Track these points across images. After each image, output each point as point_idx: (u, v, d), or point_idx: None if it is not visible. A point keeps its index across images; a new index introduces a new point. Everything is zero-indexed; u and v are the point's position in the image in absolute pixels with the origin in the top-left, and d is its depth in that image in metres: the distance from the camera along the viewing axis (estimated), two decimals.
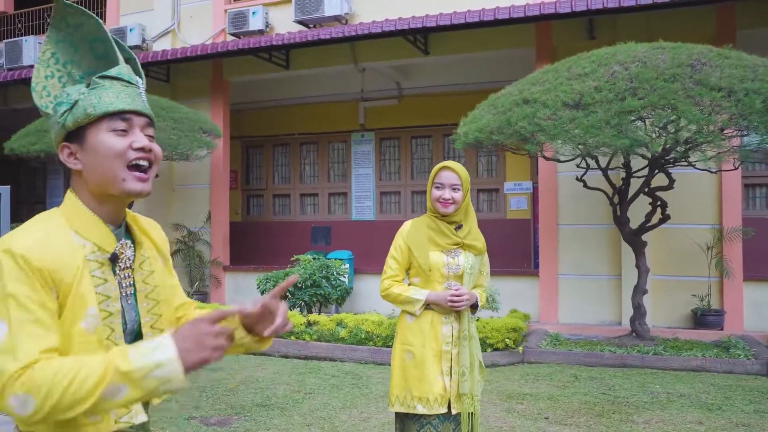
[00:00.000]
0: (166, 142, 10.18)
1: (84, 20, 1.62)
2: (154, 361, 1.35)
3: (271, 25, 11.73)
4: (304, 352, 8.14)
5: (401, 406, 3.25)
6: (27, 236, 1.47)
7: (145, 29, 12.79)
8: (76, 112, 1.55)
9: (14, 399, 1.34)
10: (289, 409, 5.66)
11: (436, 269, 3.27)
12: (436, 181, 3.30)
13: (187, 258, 12.41)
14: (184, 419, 5.36)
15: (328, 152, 14.31)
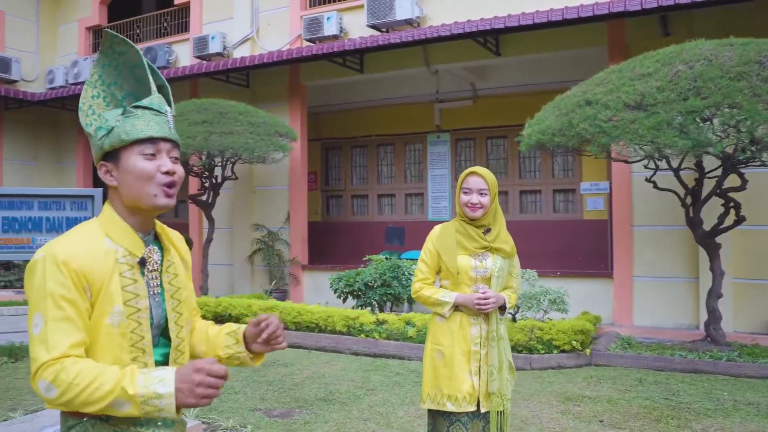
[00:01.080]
0: (244, 146, 10.59)
1: (127, 49, 1.85)
2: (155, 392, 1.60)
3: (345, 30, 11.99)
4: (374, 350, 8.34)
5: (432, 403, 3.39)
6: (68, 243, 1.73)
7: (225, 37, 13.30)
8: (112, 137, 1.79)
9: (42, 383, 1.62)
10: (349, 404, 5.85)
11: (464, 272, 3.38)
12: (464, 186, 3.41)
13: (267, 257, 12.83)
14: (249, 410, 5.63)
15: (404, 153, 14.49)
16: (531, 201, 13.10)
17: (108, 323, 1.73)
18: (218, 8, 13.85)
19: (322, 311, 9.06)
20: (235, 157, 11.09)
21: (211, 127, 10.76)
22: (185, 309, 1.95)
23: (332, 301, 10.60)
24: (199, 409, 5.53)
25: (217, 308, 9.73)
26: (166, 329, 1.88)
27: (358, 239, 14.40)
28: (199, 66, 12.65)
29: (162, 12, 15.33)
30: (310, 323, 8.99)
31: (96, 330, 1.72)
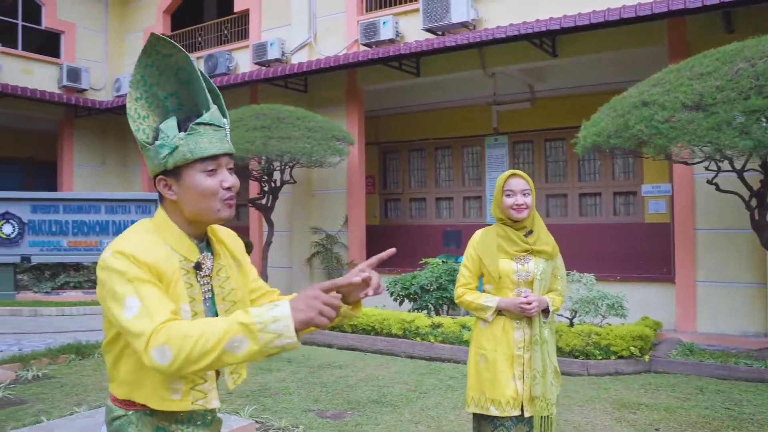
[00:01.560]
0: (301, 150, 10.74)
1: (174, 51, 1.88)
2: (271, 315, 1.58)
3: (402, 34, 12.04)
4: (429, 353, 8.33)
5: (476, 407, 3.39)
6: (131, 242, 1.77)
7: (284, 43, 13.51)
8: (176, 156, 1.81)
9: (155, 351, 1.59)
10: (401, 407, 5.88)
11: (506, 276, 3.37)
12: (506, 189, 3.39)
13: (325, 260, 12.98)
14: (302, 411, 5.71)
15: (462, 156, 14.45)
16: (590, 204, 12.89)
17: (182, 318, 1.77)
18: (277, 15, 14.09)
19: (378, 314, 9.11)
20: (293, 161, 11.26)
21: (269, 132, 10.96)
22: (240, 308, 1.97)
23: (389, 304, 10.64)
24: (252, 408, 5.65)
25: None
26: None
27: (415, 242, 14.42)
28: (258, 72, 12.88)
29: (222, 20, 15.68)
30: (367, 326, 9.04)
31: None
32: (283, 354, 8.14)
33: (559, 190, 13.17)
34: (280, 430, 5.18)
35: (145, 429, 1.82)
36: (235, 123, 11.32)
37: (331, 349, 8.86)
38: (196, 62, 1.94)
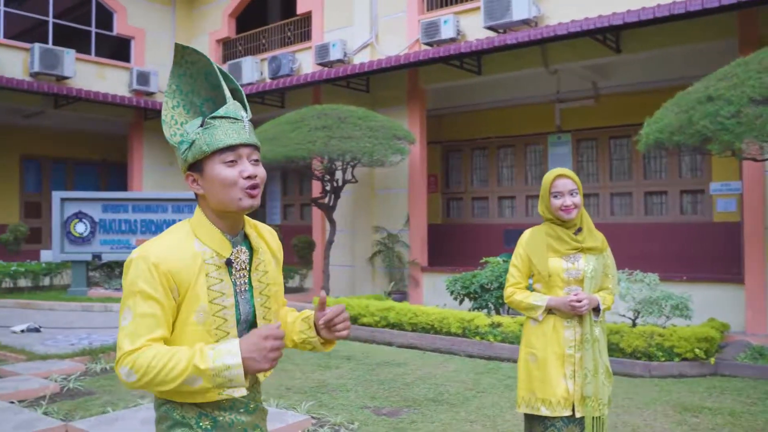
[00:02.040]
0: (362, 150, 10.82)
1: (198, 58, 1.97)
2: (223, 363, 1.74)
3: (463, 33, 12.00)
4: (488, 352, 8.30)
5: (527, 407, 3.37)
6: (160, 246, 1.87)
7: (346, 44, 13.64)
8: (194, 150, 1.90)
9: (123, 369, 1.78)
10: (458, 406, 5.88)
11: (555, 275, 3.35)
12: (552, 190, 3.36)
13: (387, 259, 13.04)
14: (359, 408, 5.78)
15: (525, 155, 14.31)
16: (656, 202, 12.58)
17: (194, 320, 1.86)
18: (338, 16, 14.23)
19: (438, 313, 9.11)
20: (354, 160, 11.36)
21: (330, 131, 11.08)
22: (274, 303, 2.08)
23: (450, 303, 10.63)
24: (309, 404, 5.74)
25: None
26: (254, 324, 2.00)
27: (477, 241, 14.36)
28: (320, 73, 13.03)
29: (286, 22, 15.92)
30: (426, 324, 9.06)
31: (183, 326, 1.87)
32: (342, 352, 8.28)
33: (623, 189, 12.90)
34: (335, 426, 5.25)
35: (189, 413, 1.91)
36: (297, 123, 11.50)
37: (390, 347, 8.92)
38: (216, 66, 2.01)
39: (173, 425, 1.92)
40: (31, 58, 14.75)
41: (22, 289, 13.98)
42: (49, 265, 14.32)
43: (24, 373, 6.74)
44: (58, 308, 11.89)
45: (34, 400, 5.90)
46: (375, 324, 9.48)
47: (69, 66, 15.02)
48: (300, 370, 7.33)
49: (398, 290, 12.74)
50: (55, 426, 5.02)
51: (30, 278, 14.10)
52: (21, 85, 14.11)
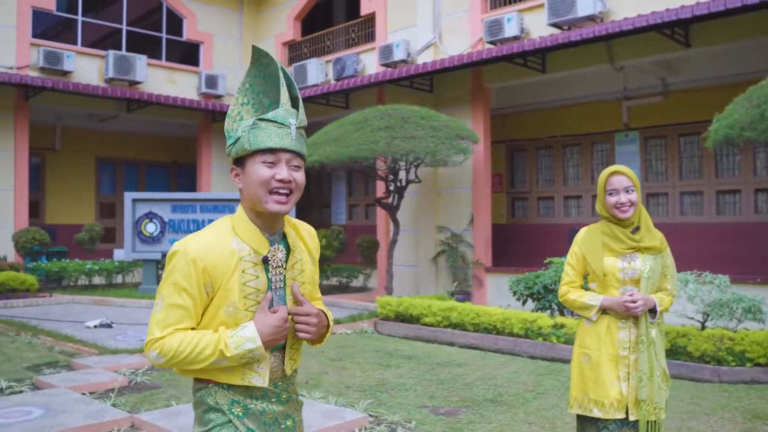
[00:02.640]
0: (425, 150, 10.81)
1: (270, 61, 2.06)
2: (246, 349, 1.92)
3: (527, 30, 11.86)
4: (551, 353, 8.18)
5: (579, 409, 3.32)
6: (200, 241, 1.98)
7: (409, 44, 13.65)
8: (237, 146, 2.00)
9: (152, 353, 1.94)
10: (516, 407, 5.81)
11: (611, 274, 3.27)
12: (607, 188, 3.30)
13: (451, 259, 13.00)
14: (416, 407, 5.78)
15: (591, 153, 14.05)
16: (729, 202, 12.16)
17: (224, 313, 1.96)
18: (402, 17, 14.26)
19: (500, 313, 9.03)
20: (417, 160, 11.36)
21: (393, 132, 11.11)
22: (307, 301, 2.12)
23: (514, 304, 10.51)
24: (367, 402, 5.77)
25: (398, 308, 10.01)
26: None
27: (541, 242, 14.17)
28: (384, 73, 13.09)
29: (350, 24, 16.05)
30: (488, 325, 8.99)
31: (214, 317, 1.97)
32: (403, 351, 8.29)
33: (694, 188, 12.52)
34: (392, 424, 5.26)
35: (222, 400, 2.01)
36: (360, 124, 11.57)
37: (452, 347, 8.89)
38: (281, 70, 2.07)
39: (207, 410, 2.02)
40: (106, 65, 15.29)
41: (97, 286, 14.53)
42: (122, 264, 14.82)
43: (95, 367, 7.01)
44: (130, 305, 12.29)
45: (103, 392, 6.12)
46: (437, 324, 9.46)
47: (141, 71, 15.51)
48: (360, 368, 7.38)
49: (462, 290, 12.68)
50: (121, 417, 5.19)
51: (104, 276, 14.63)
52: (96, 90, 14.68)
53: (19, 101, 14.74)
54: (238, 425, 1.99)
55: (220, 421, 2.00)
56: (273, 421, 2.06)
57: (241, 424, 2.00)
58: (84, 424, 4.97)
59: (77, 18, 15.90)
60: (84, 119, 17.37)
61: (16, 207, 14.57)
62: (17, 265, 13.65)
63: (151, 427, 5.01)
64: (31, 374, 6.86)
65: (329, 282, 15.05)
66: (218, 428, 2.00)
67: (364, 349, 8.59)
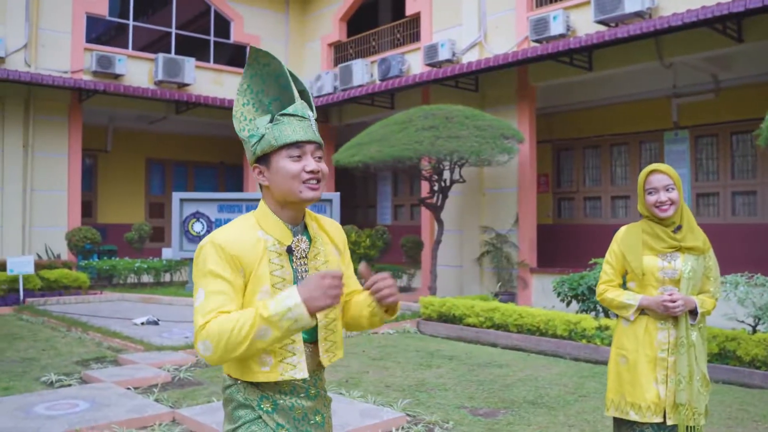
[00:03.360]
0: (469, 149, 10.75)
1: (270, 60, 2.09)
2: (285, 306, 1.83)
3: (573, 28, 11.70)
4: (594, 356, 8.05)
5: (615, 411, 3.25)
6: (226, 232, 2.01)
7: (454, 43, 13.59)
8: (263, 143, 2.03)
9: (200, 344, 1.87)
10: (557, 409, 5.73)
11: (650, 274, 3.20)
12: (647, 187, 3.22)
13: (495, 259, 12.89)
14: (455, 407, 5.74)
15: (639, 153, 13.80)
16: None
17: (258, 300, 1.96)
18: (447, 16, 14.21)
19: (543, 314, 8.92)
20: (461, 160, 11.30)
21: (437, 131, 11.07)
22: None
23: (559, 306, 10.38)
24: (406, 402, 5.76)
25: (441, 308, 9.97)
26: None
27: (588, 242, 13.93)
28: (428, 73, 13.05)
29: (395, 24, 16.05)
30: (531, 326, 8.89)
31: (249, 305, 1.96)
32: (444, 351, 8.25)
33: (747, 187, 12.18)
34: (429, 424, 5.23)
35: (251, 396, 2.02)
36: (404, 124, 11.57)
37: (494, 348, 8.81)
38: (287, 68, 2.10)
39: (237, 407, 2.03)
40: (156, 68, 15.60)
41: (145, 284, 14.83)
42: (170, 263, 15.08)
43: (140, 362, 7.15)
44: (176, 303, 12.51)
45: (147, 388, 6.24)
46: (480, 325, 9.40)
47: (189, 73, 15.78)
48: (401, 368, 7.37)
49: (506, 291, 12.57)
50: (163, 412, 5.29)
51: (152, 274, 14.92)
52: (146, 93, 14.99)
53: (73, 104, 15.13)
54: (267, 421, 2.00)
55: (250, 417, 2.01)
56: (302, 416, 2.06)
57: (271, 420, 2.01)
58: (127, 418, 5.08)
59: (128, 23, 16.25)
60: (134, 121, 17.75)
61: (70, 207, 14.97)
62: (70, 263, 14.01)
63: (191, 422, 5.08)
64: (80, 369, 7.04)
65: None
66: (248, 424, 2.00)
67: (405, 348, 8.58)
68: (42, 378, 6.60)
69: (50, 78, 13.84)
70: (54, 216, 14.77)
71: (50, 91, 14.56)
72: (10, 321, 10.39)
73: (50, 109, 14.86)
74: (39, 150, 14.68)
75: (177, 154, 19.81)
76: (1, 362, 7.40)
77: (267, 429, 2.00)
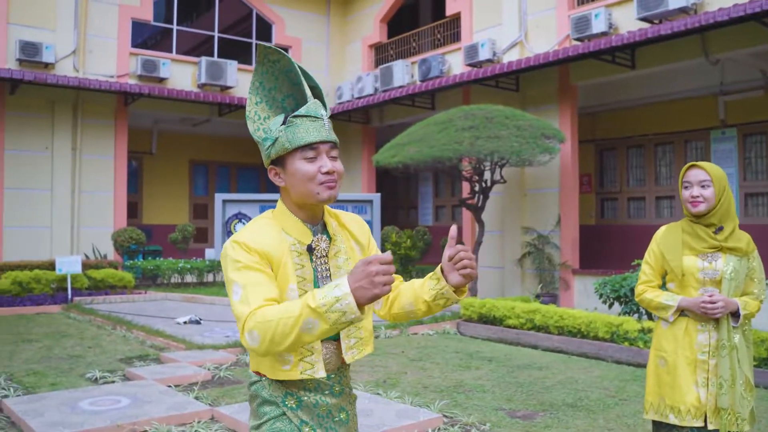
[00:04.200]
0: (509, 149, 10.67)
1: (280, 57, 2.07)
2: (333, 296, 1.73)
3: (615, 26, 11.52)
4: (637, 359, 7.90)
5: (654, 414, 3.19)
6: (247, 231, 2.01)
7: (495, 43, 13.50)
8: (278, 146, 2.01)
9: (247, 335, 1.82)
10: (597, 413, 5.64)
11: (690, 274, 3.12)
12: (684, 180, 3.16)
13: (537, 260, 12.77)
14: (493, 409, 5.69)
15: (684, 152, 13.52)
16: None
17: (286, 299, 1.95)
18: (487, 16, 14.13)
19: (585, 316, 8.79)
20: (502, 160, 11.22)
21: (477, 132, 11.01)
22: None
23: (602, 308, 10.24)
24: (443, 403, 5.73)
25: (481, 309, 9.91)
26: None
27: (632, 243, 13.72)
28: (469, 73, 12.99)
29: (435, 24, 16.02)
30: (572, 328, 8.77)
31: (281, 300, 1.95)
32: (484, 353, 8.20)
33: None
34: (466, 425, 5.20)
35: (276, 393, 2.03)
36: (444, 124, 11.53)
37: (535, 350, 8.72)
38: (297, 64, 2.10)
39: (262, 403, 2.04)
40: (199, 71, 15.83)
41: (188, 284, 15.05)
42: (212, 263, 15.27)
43: (182, 361, 7.25)
44: (218, 303, 12.65)
45: (187, 385, 6.33)
46: (520, 326, 9.30)
47: (231, 76, 15.97)
48: (440, 369, 7.34)
49: (548, 293, 12.44)
50: (202, 410, 5.36)
51: (195, 274, 15.13)
52: (190, 96, 15.25)
53: (119, 107, 15.45)
54: (291, 417, 2.01)
55: (274, 413, 2.02)
56: (326, 413, 2.07)
57: (295, 416, 2.02)
58: (167, 415, 5.15)
59: (172, 27, 16.53)
60: (178, 123, 18.04)
61: (116, 208, 15.29)
62: (116, 263, 14.29)
63: (230, 420, 5.13)
64: (123, 366, 7.18)
65: None
66: (272, 421, 2.02)
67: (444, 350, 8.54)
68: (87, 374, 6.75)
69: (97, 82, 14.16)
70: (101, 217, 15.10)
71: (97, 95, 14.90)
72: (59, 319, 10.64)
73: (97, 112, 15.21)
74: (86, 153, 15.02)
75: (220, 156, 20.07)
76: (50, 359, 7.60)
77: (291, 425, 2.01)
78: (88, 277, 12.90)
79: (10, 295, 11.89)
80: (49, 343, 8.54)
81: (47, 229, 14.56)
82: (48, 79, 13.57)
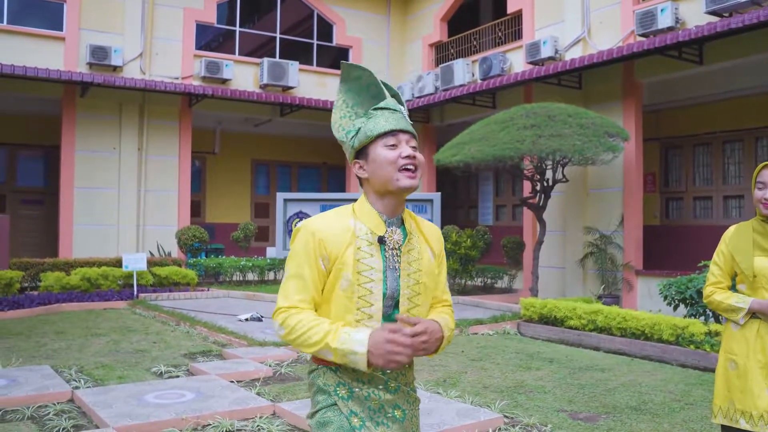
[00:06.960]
0: (572, 148, 10.51)
1: (361, 73, 2.21)
2: (350, 349, 1.94)
3: (682, 20, 11.24)
4: (703, 362, 7.69)
5: (724, 419, 3.10)
6: (320, 218, 2.12)
7: (557, 40, 13.32)
8: (360, 136, 2.13)
9: (278, 324, 2.06)
10: (661, 416, 5.51)
11: (761, 276, 3.03)
12: (758, 180, 3.06)
13: (599, 261, 12.56)
14: (554, 411, 5.62)
15: (755, 150, 13.08)
16: None
17: (340, 291, 2.06)
18: (549, 13, 13.96)
19: (648, 318, 8.60)
20: (564, 159, 11.07)
21: (539, 130, 10.89)
22: (423, 290, 2.16)
23: (666, 309, 10.00)
24: (504, 403, 5.68)
25: (542, 310, 9.79)
26: (398, 302, 2.12)
27: (698, 244, 13.33)
28: (530, 71, 12.85)
29: (496, 22, 15.89)
30: (636, 330, 8.59)
31: (331, 291, 2.08)
32: (545, 354, 8.11)
33: None
34: (527, 426, 5.15)
35: (329, 381, 2.10)
36: (505, 123, 11.44)
37: (597, 351, 8.57)
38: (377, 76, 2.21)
39: (317, 391, 2.12)
40: (261, 72, 16.07)
41: (250, 282, 15.29)
42: (273, 261, 15.49)
43: (244, 357, 7.38)
44: None
45: (249, 381, 6.43)
46: (582, 327, 9.16)
47: (293, 77, 16.17)
48: (500, 369, 7.28)
49: (610, 294, 12.21)
50: (264, 405, 5.44)
51: (257, 272, 15.37)
52: (252, 96, 15.52)
53: (184, 108, 15.81)
54: (341, 407, 2.06)
55: (326, 402, 2.08)
56: (378, 408, 2.09)
57: (345, 407, 2.06)
58: (230, 410, 5.25)
59: (235, 29, 16.84)
60: (240, 124, 18.34)
61: (180, 207, 15.66)
62: (179, 260, 14.63)
63: (291, 416, 5.20)
64: (187, 361, 7.34)
65: (474, 282, 14.96)
66: (324, 410, 2.08)
67: (505, 350, 8.47)
68: (153, 368, 6.93)
69: (162, 84, 14.52)
70: (165, 215, 15.49)
71: (162, 96, 15.29)
72: (125, 315, 10.95)
73: (162, 113, 15.61)
74: (152, 153, 15.42)
75: (281, 156, 20.33)
76: (117, 353, 7.83)
77: (341, 416, 2.06)
78: (153, 274, 13.25)
79: (80, 291, 12.29)
80: (116, 338, 8.80)
81: (114, 227, 15.00)
82: (116, 81, 13.99)
